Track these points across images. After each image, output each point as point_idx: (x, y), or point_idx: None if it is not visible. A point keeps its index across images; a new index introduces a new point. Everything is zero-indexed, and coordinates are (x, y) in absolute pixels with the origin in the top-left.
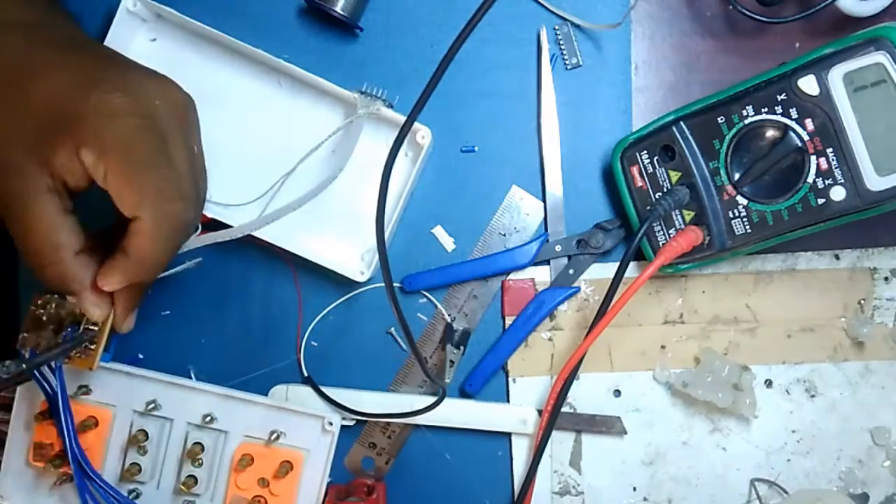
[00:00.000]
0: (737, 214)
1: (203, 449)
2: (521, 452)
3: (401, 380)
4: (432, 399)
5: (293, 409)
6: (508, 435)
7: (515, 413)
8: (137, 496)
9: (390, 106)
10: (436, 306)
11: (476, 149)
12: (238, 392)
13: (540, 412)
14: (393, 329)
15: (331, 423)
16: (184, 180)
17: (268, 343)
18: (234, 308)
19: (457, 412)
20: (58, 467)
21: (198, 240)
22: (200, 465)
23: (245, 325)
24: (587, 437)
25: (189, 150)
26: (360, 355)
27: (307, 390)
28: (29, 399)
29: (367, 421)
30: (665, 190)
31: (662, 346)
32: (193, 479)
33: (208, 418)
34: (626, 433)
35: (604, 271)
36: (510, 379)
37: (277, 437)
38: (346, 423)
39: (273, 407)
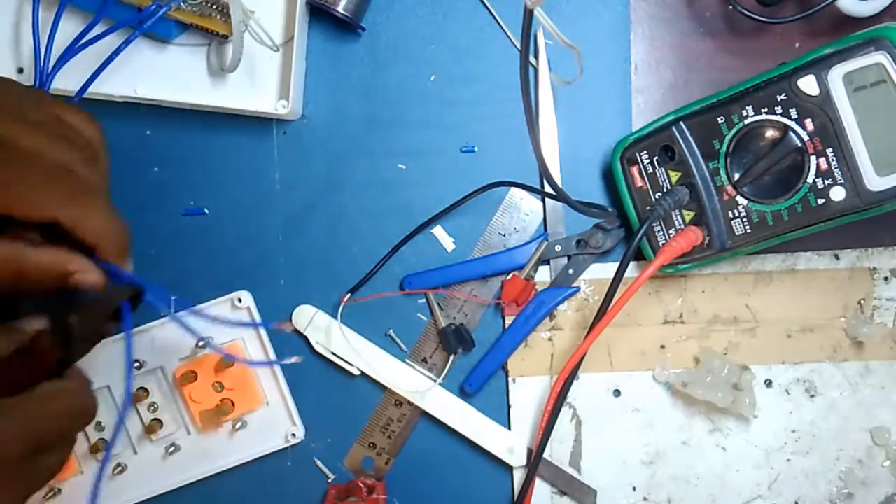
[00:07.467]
0: (737, 214)
1: (148, 393)
2: None
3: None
4: (437, 387)
5: (200, 311)
6: None
7: (505, 440)
8: (122, 470)
9: None
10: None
11: (476, 149)
12: (144, 326)
13: (531, 451)
14: (392, 331)
15: (240, 300)
16: None
17: None
18: None
19: (457, 412)
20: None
21: None
22: (156, 408)
23: None
24: (587, 436)
25: None
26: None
27: (332, 321)
28: None
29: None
30: (665, 190)
31: (662, 346)
32: (158, 423)
33: (137, 365)
34: None
35: (603, 271)
36: (510, 379)
37: (205, 345)
38: (352, 370)
39: (183, 321)
